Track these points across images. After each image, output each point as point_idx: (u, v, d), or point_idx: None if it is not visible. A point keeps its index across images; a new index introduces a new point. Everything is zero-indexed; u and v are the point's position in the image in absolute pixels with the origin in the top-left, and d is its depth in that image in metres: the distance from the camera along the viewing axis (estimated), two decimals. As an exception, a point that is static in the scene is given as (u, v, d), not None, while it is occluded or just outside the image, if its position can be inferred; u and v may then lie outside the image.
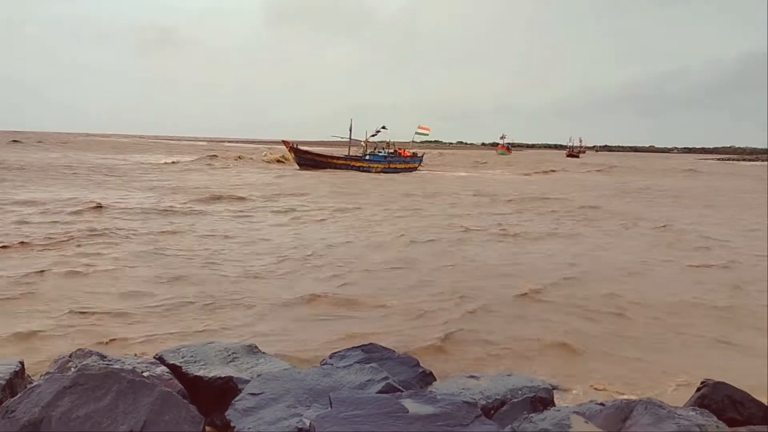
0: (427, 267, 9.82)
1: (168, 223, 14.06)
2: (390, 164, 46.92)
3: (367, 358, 3.92)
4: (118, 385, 2.74)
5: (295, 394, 3.23)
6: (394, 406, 2.83)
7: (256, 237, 12.69)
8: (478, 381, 3.90)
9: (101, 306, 6.98)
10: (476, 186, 31.30)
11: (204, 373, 3.54)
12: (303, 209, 17.90)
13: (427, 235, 13.30)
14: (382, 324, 6.73)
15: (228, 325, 6.61)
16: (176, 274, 8.68)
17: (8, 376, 3.17)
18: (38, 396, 2.65)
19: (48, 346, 5.62)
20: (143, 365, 3.43)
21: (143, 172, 34.53)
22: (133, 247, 10.66)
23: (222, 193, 21.21)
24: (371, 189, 28.23)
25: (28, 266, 8.77)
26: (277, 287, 8.24)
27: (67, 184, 24.10)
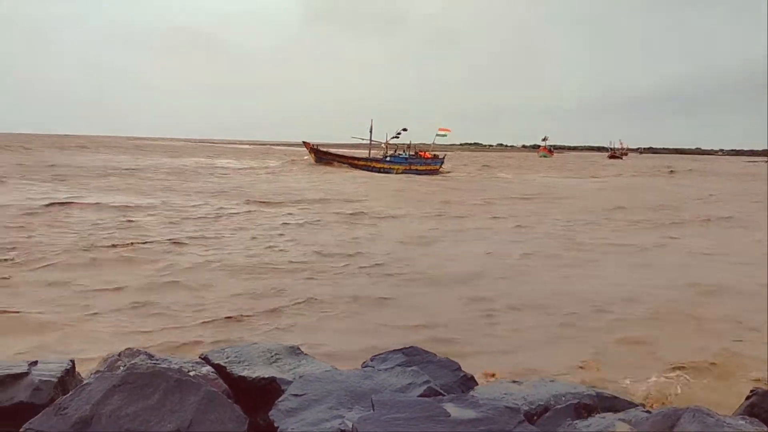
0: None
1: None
2: (411, 166, 46.80)
3: (408, 361, 3.93)
4: (165, 384, 2.81)
5: (336, 395, 3.25)
6: (435, 409, 2.83)
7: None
8: (520, 386, 3.87)
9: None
10: (559, 192, 30.43)
11: (248, 373, 3.59)
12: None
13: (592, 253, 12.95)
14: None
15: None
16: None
17: (60, 374, 3.26)
18: (89, 394, 2.72)
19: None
20: (189, 365, 3.50)
21: (254, 177, 35.71)
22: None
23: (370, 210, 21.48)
24: (434, 193, 28.27)
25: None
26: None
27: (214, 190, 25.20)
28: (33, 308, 7.69)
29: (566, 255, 12.87)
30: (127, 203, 19.17)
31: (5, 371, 3.20)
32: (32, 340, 6.43)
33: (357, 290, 8.95)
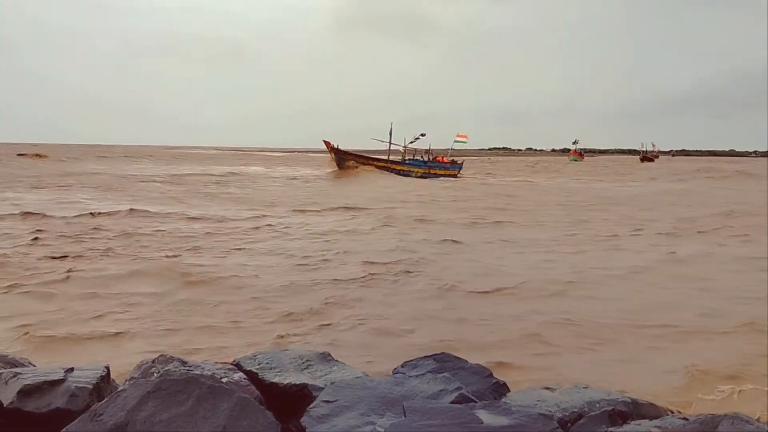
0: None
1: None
2: (430, 170, 46.85)
3: (440, 368, 3.91)
4: (198, 391, 2.83)
5: (368, 402, 3.24)
6: (468, 416, 2.81)
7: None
8: (553, 393, 3.82)
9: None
10: (614, 198, 29.17)
11: (279, 379, 3.61)
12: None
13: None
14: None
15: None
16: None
17: (95, 380, 3.32)
18: (124, 400, 2.76)
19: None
20: (222, 371, 3.53)
21: (323, 183, 36.28)
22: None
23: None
24: (475, 199, 27.74)
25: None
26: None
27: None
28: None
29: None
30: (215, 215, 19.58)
31: (42, 378, 3.26)
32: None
33: (416, 305, 8.79)
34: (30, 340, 6.80)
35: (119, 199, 24.20)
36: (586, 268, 11.54)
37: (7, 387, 3.26)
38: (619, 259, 12.65)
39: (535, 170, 65.03)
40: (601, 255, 13.16)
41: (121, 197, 25.15)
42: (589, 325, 7.74)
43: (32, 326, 7.24)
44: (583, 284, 10.13)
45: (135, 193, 27.64)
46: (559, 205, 25.19)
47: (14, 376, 3.31)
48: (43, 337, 6.87)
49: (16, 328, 7.18)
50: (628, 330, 7.57)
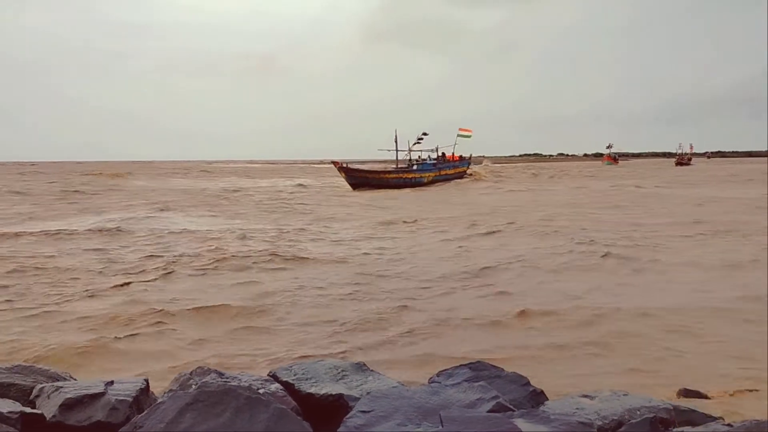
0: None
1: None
2: (440, 171, 45.93)
3: (475, 376, 3.87)
4: (236, 402, 2.85)
5: (404, 411, 3.22)
6: (506, 425, 2.78)
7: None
8: (592, 401, 3.76)
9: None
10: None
11: (315, 390, 3.61)
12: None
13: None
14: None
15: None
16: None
17: (135, 393, 3.36)
18: (163, 413, 2.79)
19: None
20: (258, 382, 3.54)
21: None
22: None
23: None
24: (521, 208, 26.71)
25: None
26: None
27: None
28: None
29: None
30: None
31: (83, 391, 3.31)
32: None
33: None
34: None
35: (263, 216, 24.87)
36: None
37: (50, 401, 3.33)
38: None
39: (581, 176, 63.40)
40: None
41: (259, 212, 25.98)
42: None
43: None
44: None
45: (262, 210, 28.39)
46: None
47: (56, 389, 3.37)
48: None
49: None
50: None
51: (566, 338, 7.65)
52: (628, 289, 10.50)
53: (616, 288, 10.57)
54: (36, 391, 3.49)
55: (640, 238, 16.02)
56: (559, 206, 27.40)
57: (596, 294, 10.06)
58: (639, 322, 8.21)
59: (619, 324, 8.21)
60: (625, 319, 8.41)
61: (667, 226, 18.79)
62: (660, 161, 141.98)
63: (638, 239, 15.89)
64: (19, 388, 3.57)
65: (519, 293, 10.15)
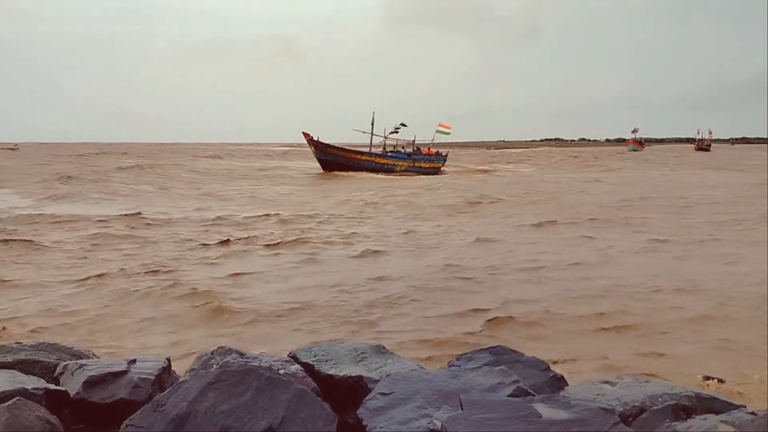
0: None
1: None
2: (415, 162, 45.19)
3: (495, 361, 3.86)
4: (257, 382, 2.86)
5: (424, 394, 3.23)
6: (526, 410, 2.77)
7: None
8: (613, 387, 3.74)
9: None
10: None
11: (335, 371, 3.62)
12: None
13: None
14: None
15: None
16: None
17: (157, 372, 3.39)
18: (185, 391, 2.81)
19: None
20: (279, 363, 3.56)
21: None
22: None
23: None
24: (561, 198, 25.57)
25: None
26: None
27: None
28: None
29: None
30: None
31: (106, 369, 3.35)
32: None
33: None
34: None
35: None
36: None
37: (73, 378, 3.37)
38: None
39: (619, 160, 60.22)
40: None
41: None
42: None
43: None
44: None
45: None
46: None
47: (80, 367, 3.42)
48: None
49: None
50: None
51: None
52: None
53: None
54: (60, 368, 3.53)
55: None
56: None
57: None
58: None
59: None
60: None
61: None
62: (682, 147, 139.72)
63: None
64: (44, 365, 3.62)
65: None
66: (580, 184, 32.10)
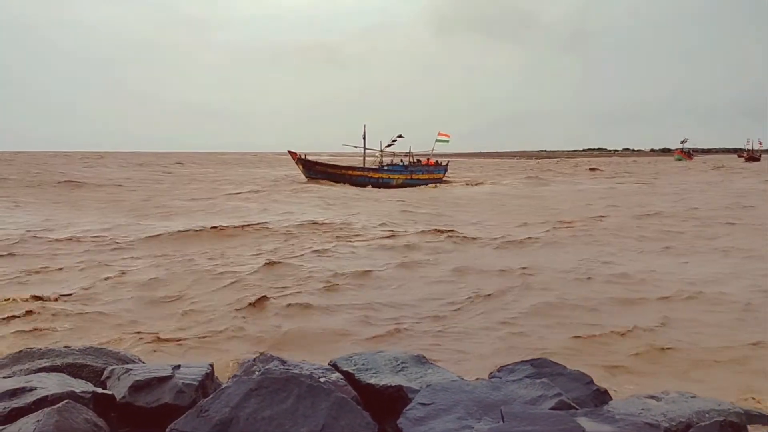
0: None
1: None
2: (412, 175, 42.81)
3: (537, 373, 3.82)
4: (298, 389, 2.89)
5: (465, 405, 3.21)
6: (569, 423, 2.73)
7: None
8: (658, 402, 3.66)
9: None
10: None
11: (375, 381, 3.62)
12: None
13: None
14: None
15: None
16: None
17: (201, 377, 3.45)
18: (228, 397, 2.85)
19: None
20: (319, 371, 3.58)
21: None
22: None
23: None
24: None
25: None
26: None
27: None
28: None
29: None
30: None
31: (152, 374, 3.42)
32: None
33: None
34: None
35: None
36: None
37: (120, 382, 3.45)
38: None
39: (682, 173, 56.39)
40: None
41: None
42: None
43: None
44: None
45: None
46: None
47: (126, 371, 3.49)
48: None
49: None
50: None
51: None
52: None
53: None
54: (107, 372, 3.62)
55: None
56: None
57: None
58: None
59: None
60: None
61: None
62: (731, 157, 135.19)
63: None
64: (91, 369, 3.71)
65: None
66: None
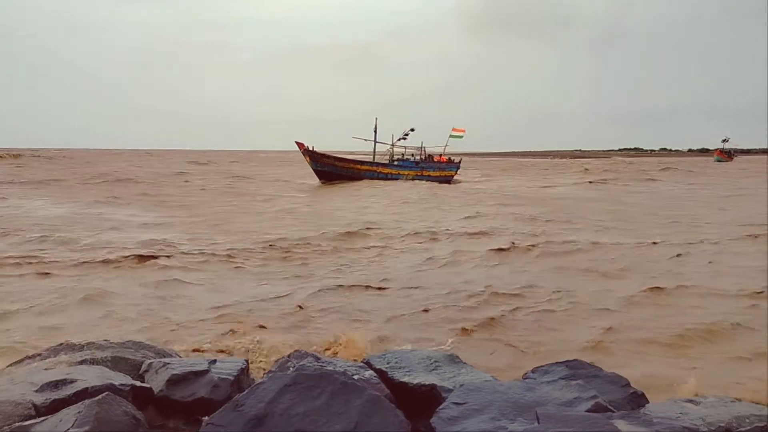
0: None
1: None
2: (423, 171, 41.46)
3: (572, 375, 3.77)
4: (332, 386, 2.91)
5: (498, 406, 3.18)
6: (605, 426, 2.69)
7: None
8: (697, 406, 3.59)
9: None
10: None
11: (408, 379, 3.62)
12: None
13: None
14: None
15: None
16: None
17: (236, 372, 3.50)
18: (263, 392, 2.88)
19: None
20: (353, 368, 3.59)
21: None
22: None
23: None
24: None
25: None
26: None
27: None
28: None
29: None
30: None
31: (188, 368, 3.47)
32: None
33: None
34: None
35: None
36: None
37: (157, 376, 3.51)
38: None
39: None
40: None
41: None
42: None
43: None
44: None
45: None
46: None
47: (164, 365, 3.55)
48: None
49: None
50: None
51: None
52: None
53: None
54: (145, 366, 3.69)
55: None
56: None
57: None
58: None
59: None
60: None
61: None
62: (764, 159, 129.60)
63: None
64: (130, 363, 3.79)
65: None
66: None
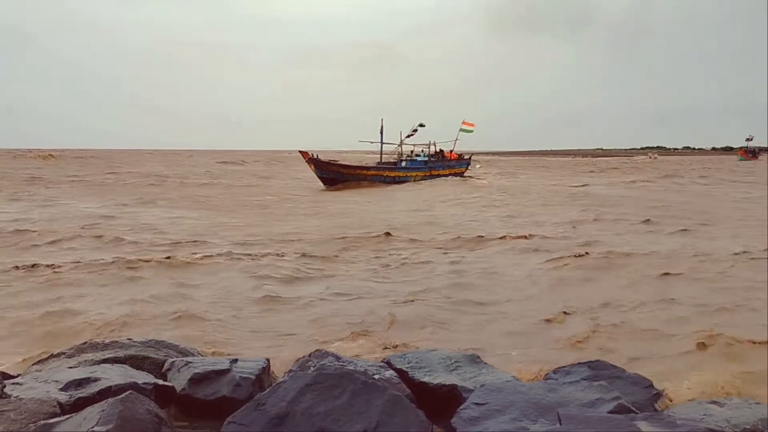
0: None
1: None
2: (432, 170, 39.65)
3: (595, 375, 3.75)
4: (352, 386, 2.91)
5: (520, 407, 3.17)
6: (628, 427, 2.67)
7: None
8: (721, 407, 3.54)
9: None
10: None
11: (429, 379, 3.62)
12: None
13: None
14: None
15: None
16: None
17: (257, 371, 3.51)
18: (284, 391, 2.90)
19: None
20: (374, 368, 3.60)
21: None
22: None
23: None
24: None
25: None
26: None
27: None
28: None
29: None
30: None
31: (210, 367, 3.50)
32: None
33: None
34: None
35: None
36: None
37: (180, 374, 3.54)
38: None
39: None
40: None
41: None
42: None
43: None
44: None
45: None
46: None
47: (186, 364, 3.58)
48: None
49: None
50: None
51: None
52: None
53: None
54: (167, 364, 3.72)
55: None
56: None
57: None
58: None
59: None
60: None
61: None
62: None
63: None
64: (152, 361, 3.82)
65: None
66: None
